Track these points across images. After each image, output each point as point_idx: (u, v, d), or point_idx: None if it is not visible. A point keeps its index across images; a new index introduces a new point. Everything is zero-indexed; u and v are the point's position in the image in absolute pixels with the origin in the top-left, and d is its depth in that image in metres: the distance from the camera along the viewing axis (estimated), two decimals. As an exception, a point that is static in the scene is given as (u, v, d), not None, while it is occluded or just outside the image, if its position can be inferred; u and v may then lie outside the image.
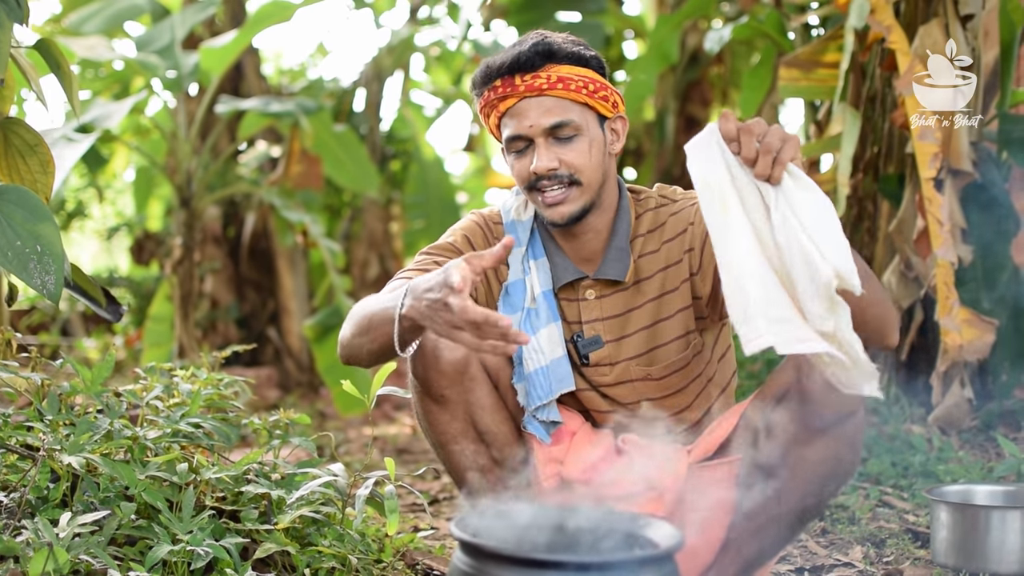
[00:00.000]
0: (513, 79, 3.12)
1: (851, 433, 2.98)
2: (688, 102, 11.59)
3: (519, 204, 3.37)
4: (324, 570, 3.31)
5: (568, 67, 3.12)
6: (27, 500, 3.02)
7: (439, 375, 3.15)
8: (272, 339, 10.62)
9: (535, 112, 3.11)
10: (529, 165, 3.13)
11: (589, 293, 3.29)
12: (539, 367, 3.23)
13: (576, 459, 3.22)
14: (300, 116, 8.51)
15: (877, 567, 3.88)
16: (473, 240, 3.34)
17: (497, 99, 3.15)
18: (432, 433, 3.29)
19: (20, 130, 3.34)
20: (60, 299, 3.00)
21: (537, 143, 3.12)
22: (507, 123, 3.16)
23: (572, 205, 3.14)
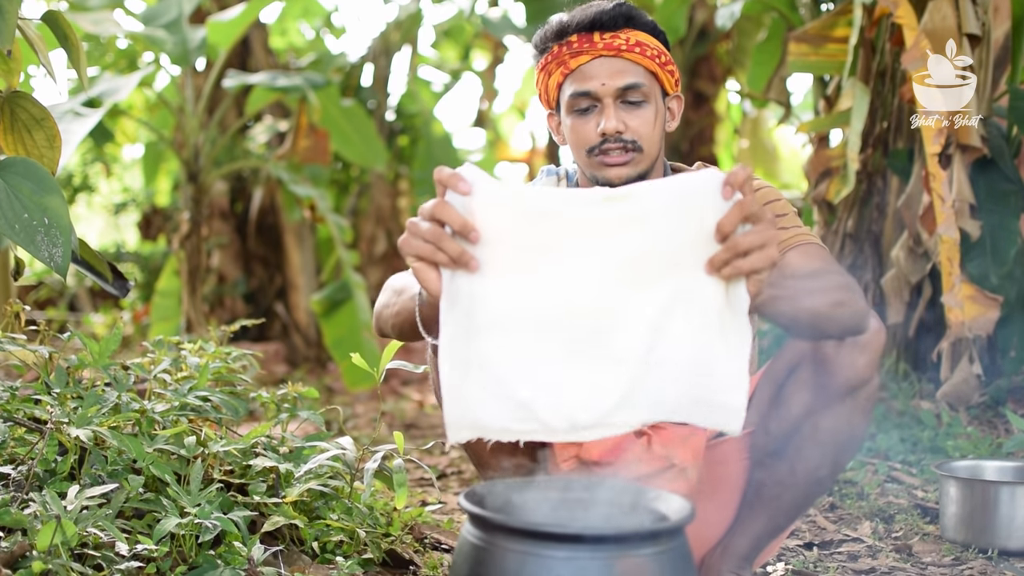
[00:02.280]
0: (592, 36, 3.08)
1: (864, 401, 2.98)
2: (696, 77, 11.57)
3: (552, 185, 3.30)
4: (332, 543, 3.31)
5: (644, 34, 3.10)
6: (35, 473, 3.02)
7: None
8: (280, 314, 10.62)
9: (608, 71, 3.07)
10: (595, 126, 3.08)
11: None
12: None
13: (594, 442, 3.21)
14: (308, 91, 8.49)
15: (886, 542, 3.87)
16: None
17: (570, 55, 3.10)
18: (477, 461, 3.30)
19: (27, 104, 3.33)
20: (67, 272, 2.99)
21: (605, 103, 3.08)
22: (575, 79, 3.11)
23: (632, 168, 3.10)
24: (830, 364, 2.94)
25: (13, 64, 3.41)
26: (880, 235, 6.08)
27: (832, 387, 2.95)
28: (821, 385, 2.96)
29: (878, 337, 2.95)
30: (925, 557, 3.71)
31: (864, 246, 6.07)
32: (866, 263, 6.06)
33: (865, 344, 2.92)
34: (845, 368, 2.90)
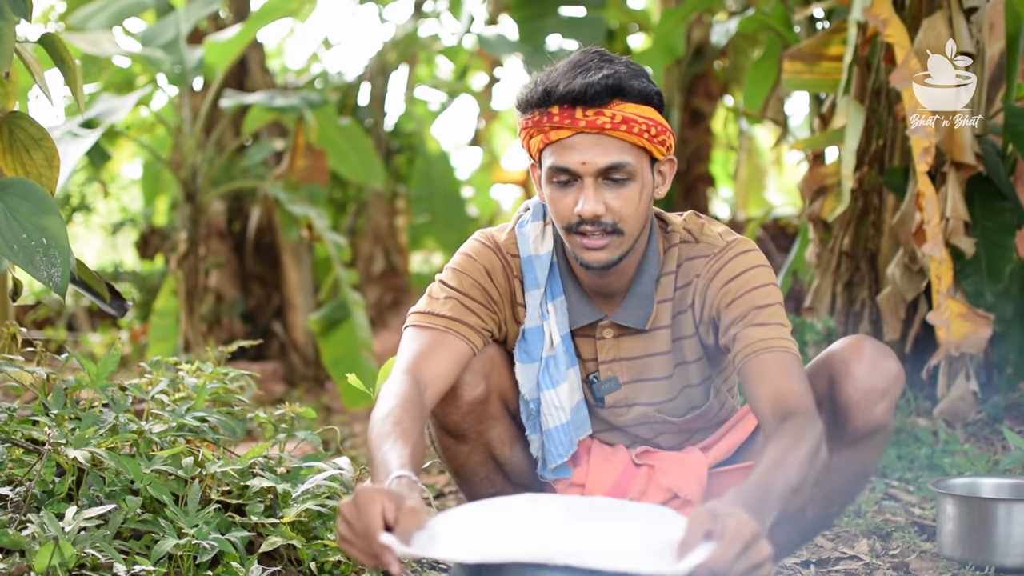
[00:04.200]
0: (574, 111, 2.87)
1: (879, 444, 2.98)
2: (693, 95, 11.59)
3: (536, 235, 3.17)
4: (330, 563, 3.31)
5: (634, 106, 2.89)
6: (33, 494, 3.02)
7: (459, 415, 3.11)
8: (277, 333, 10.61)
9: (592, 151, 2.88)
10: (573, 205, 2.92)
11: (607, 332, 3.16)
12: (559, 424, 3.15)
13: (597, 480, 3.18)
14: (305, 110, 8.50)
15: (883, 560, 3.88)
16: (494, 275, 3.15)
17: (551, 127, 2.90)
18: (449, 464, 3.27)
19: (25, 124, 3.34)
20: (66, 292, 3.00)
21: (586, 182, 2.90)
22: (555, 152, 2.92)
23: (611, 253, 2.96)
24: (848, 410, 2.93)
25: (10, 86, 3.42)
26: (876, 253, 6.08)
27: (848, 432, 2.95)
28: (837, 427, 2.96)
29: (897, 383, 2.95)
30: (922, 574, 3.72)
31: (860, 263, 6.08)
32: (862, 280, 6.06)
33: (884, 391, 2.92)
34: (862, 415, 2.90)
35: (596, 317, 3.14)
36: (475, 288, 3.12)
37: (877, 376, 2.92)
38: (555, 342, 3.12)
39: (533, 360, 3.14)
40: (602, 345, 3.17)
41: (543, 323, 3.14)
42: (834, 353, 3.04)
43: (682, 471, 3.17)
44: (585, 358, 3.20)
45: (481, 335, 3.09)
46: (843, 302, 6.09)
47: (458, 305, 3.08)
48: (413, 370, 2.95)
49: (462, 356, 3.04)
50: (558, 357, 3.13)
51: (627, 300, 3.12)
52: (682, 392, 3.20)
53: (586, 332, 3.18)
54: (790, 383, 2.81)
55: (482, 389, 3.08)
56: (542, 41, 10.33)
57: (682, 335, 3.14)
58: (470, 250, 3.20)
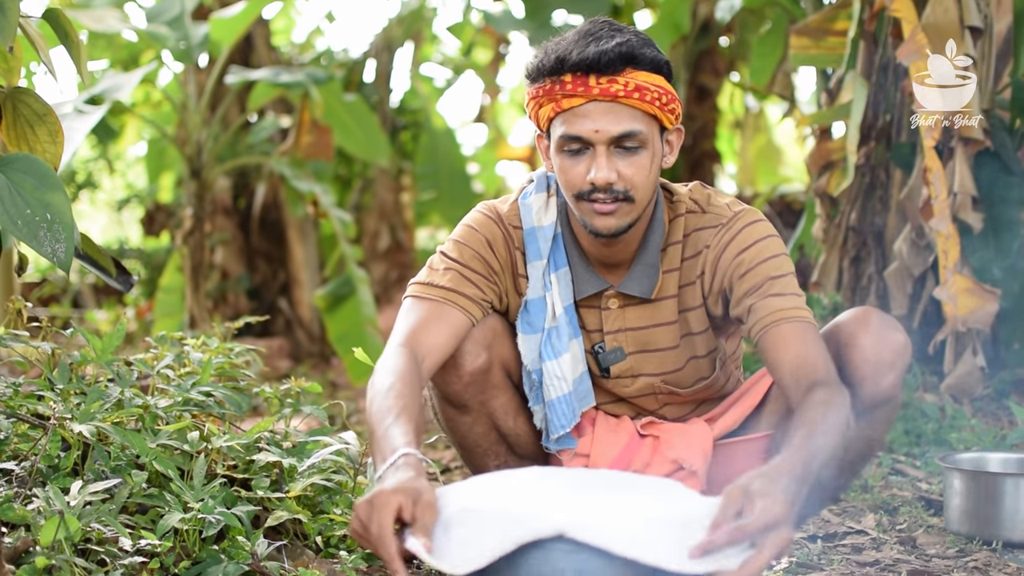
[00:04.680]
0: (587, 79, 2.87)
1: (886, 416, 2.98)
2: (699, 72, 11.55)
3: (540, 206, 3.17)
4: (336, 538, 3.31)
5: (645, 74, 2.89)
6: (38, 469, 3.02)
7: (463, 387, 3.11)
8: (283, 310, 10.62)
9: (605, 118, 2.88)
10: (585, 172, 2.92)
11: (612, 303, 3.16)
12: (562, 395, 3.15)
13: (602, 451, 3.18)
14: (310, 86, 8.48)
15: (890, 534, 3.87)
16: (495, 246, 3.15)
17: (563, 95, 2.90)
18: (452, 435, 3.27)
19: (29, 100, 3.32)
20: (71, 267, 2.99)
21: (598, 150, 2.90)
22: (567, 120, 2.92)
23: (621, 220, 2.96)
24: (856, 381, 2.93)
25: (14, 61, 3.40)
26: (883, 228, 6.07)
27: (856, 404, 2.92)
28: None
29: (905, 355, 2.95)
30: (929, 549, 3.71)
31: (867, 239, 6.06)
32: (869, 256, 6.05)
33: (892, 363, 2.92)
34: (870, 386, 2.90)
35: (601, 287, 3.14)
36: (475, 259, 3.12)
37: (884, 348, 2.92)
38: (557, 313, 3.12)
39: (535, 331, 3.14)
40: (607, 315, 3.17)
41: (545, 294, 3.14)
42: (841, 325, 3.04)
43: (687, 442, 3.17)
44: (590, 329, 3.20)
45: (480, 306, 3.09)
46: (850, 277, 6.08)
47: (457, 276, 3.09)
48: (410, 342, 2.96)
49: (460, 327, 3.05)
50: (560, 328, 3.13)
51: (633, 269, 3.12)
52: (689, 363, 3.20)
53: (591, 303, 3.18)
54: (812, 352, 2.85)
55: (484, 359, 3.08)
56: (547, 17, 10.29)
57: (689, 306, 3.14)
58: (472, 221, 3.20)
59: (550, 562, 2.17)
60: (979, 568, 3.50)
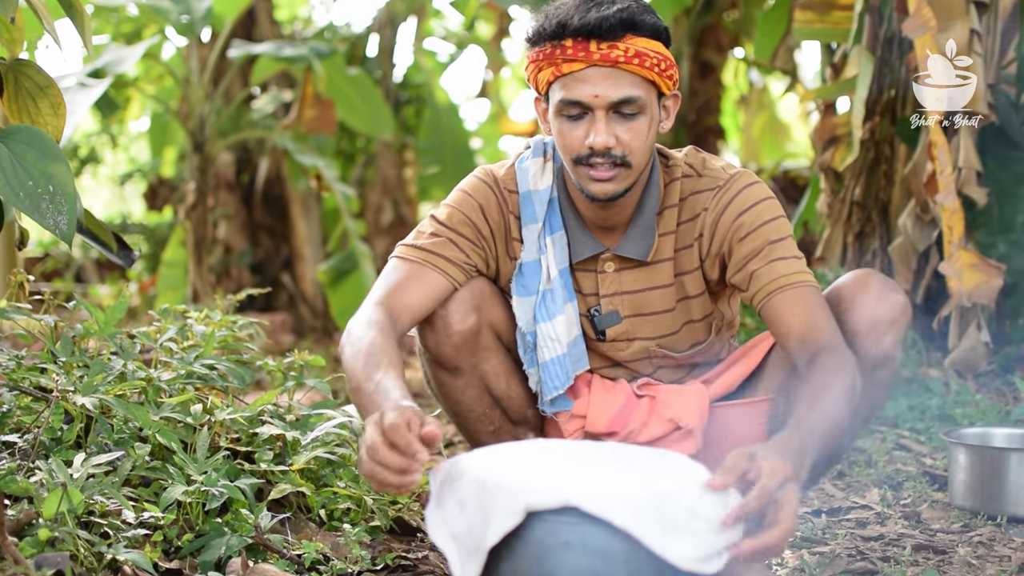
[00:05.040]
0: (588, 44, 2.88)
1: (886, 377, 2.99)
2: (703, 47, 11.51)
3: (536, 170, 3.19)
4: (339, 511, 3.31)
5: (645, 40, 2.91)
6: (41, 442, 3.02)
7: (453, 348, 3.11)
8: (286, 285, 10.62)
9: (604, 84, 2.90)
10: (584, 137, 2.93)
11: (608, 266, 3.17)
12: (556, 356, 3.16)
13: (598, 412, 3.19)
14: (313, 60, 8.46)
15: (894, 509, 3.87)
16: (487, 211, 3.17)
17: (563, 59, 2.91)
18: (445, 401, 3.27)
19: (31, 72, 3.31)
20: (73, 240, 2.98)
21: (597, 115, 2.91)
22: (567, 85, 2.93)
23: (618, 184, 2.97)
24: (857, 340, 2.95)
25: (16, 32, 3.39)
26: (888, 203, 6.06)
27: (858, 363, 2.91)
28: None
29: (904, 315, 2.96)
30: (934, 524, 3.71)
31: (872, 214, 6.05)
32: (873, 231, 6.04)
33: (892, 321, 2.93)
34: (871, 344, 2.91)
35: (598, 250, 3.15)
36: (465, 224, 3.14)
37: (884, 307, 2.95)
38: (552, 275, 3.14)
39: (530, 293, 3.16)
40: (603, 279, 3.18)
41: (540, 257, 3.16)
42: (841, 287, 3.07)
43: (684, 402, 3.18)
44: (586, 292, 3.21)
45: (463, 270, 3.11)
46: (854, 252, 6.07)
47: (443, 240, 3.11)
48: (386, 300, 2.99)
49: (439, 290, 3.07)
50: (555, 290, 3.14)
51: (629, 232, 3.13)
52: (684, 327, 3.21)
53: (587, 266, 3.19)
54: (818, 317, 2.89)
55: (473, 320, 3.09)
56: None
57: (685, 269, 3.15)
58: (467, 186, 3.22)
59: (555, 534, 2.17)
60: (983, 543, 3.49)
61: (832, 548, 3.42)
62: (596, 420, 3.19)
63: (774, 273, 2.96)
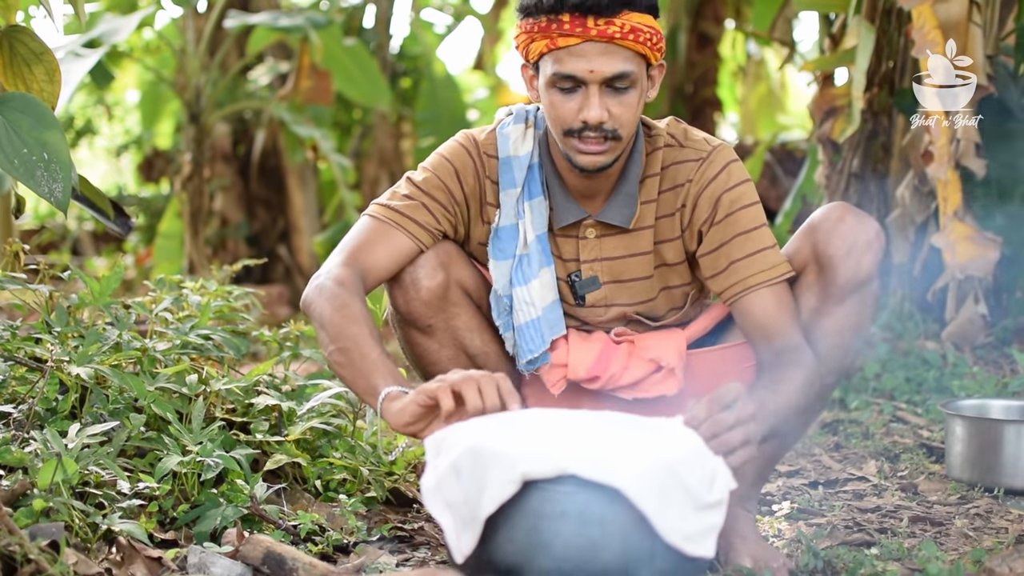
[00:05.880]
0: (585, 20, 2.86)
1: (868, 300, 3.04)
2: (701, 18, 11.51)
3: (517, 136, 3.19)
4: (335, 482, 3.30)
5: (639, 15, 2.90)
6: (36, 412, 3.01)
7: (422, 305, 3.11)
8: (282, 256, 10.61)
9: (600, 59, 2.89)
10: (577, 110, 2.93)
11: (589, 232, 3.17)
12: (530, 320, 3.16)
13: (579, 359, 3.19)
14: (310, 30, 8.44)
15: (891, 481, 3.87)
16: (463, 177, 3.17)
17: (559, 33, 2.89)
18: (421, 364, 3.25)
19: (25, 38, 3.29)
20: (68, 207, 2.97)
21: (591, 89, 2.91)
22: (561, 59, 2.91)
23: (608, 156, 2.98)
24: (835, 265, 3.01)
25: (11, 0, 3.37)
26: (886, 174, 6.04)
27: (836, 288, 3.02)
28: (826, 286, 3.03)
29: (879, 239, 3.03)
30: (931, 496, 3.71)
31: (869, 185, 6.04)
32: (871, 203, 6.02)
33: (868, 244, 3.00)
34: (851, 266, 2.98)
35: (580, 216, 3.15)
36: (438, 188, 3.15)
37: (860, 231, 3.00)
38: (529, 240, 3.15)
39: (507, 257, 3.16)
40: (584, 245, 3.19)
41: (518, 222, 3.16)
42: (816, 219, 3.11)
43: (662, 343, 3.20)
44: (567, 258, 3.21)
45: (431, 234, 3.12)
46: (851, 225, 6.04)
47: (414, 203, 3.12)
48: (354, 259, 3.04)
49: (405, 252, 3.10)
50: (531, 255, 3.15)
51: (612, 199, 3.14)
52: (661, 293, 3.22)
53: (569, 232, 3.19)
54: (783, 317, 3.01)
55: (442, 276, 3.10)
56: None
57: (665, 237, 3.16)
58: (446, 150, 3.23)
59: (552, 503, 2.16)
60: (980, 515, 3.49)
61: (829, 520, 3.42)
62: (577, 367, 3.20)
63: (741, 273, 3.03)
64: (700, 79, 11.74)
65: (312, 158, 9.72)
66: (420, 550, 3.04)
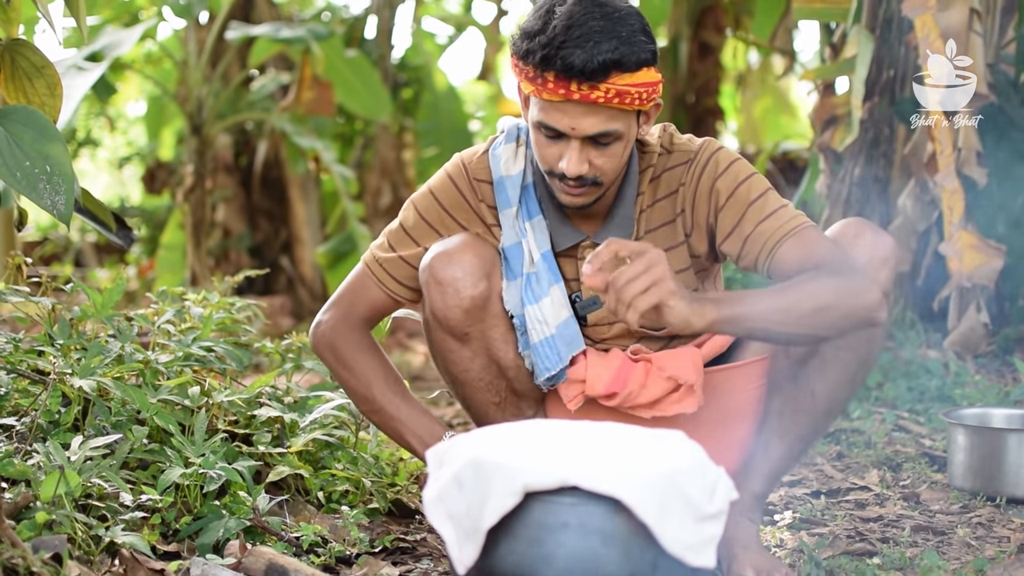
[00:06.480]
0: (569, 83, 2.80)
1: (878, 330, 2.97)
2: (702, 28, 11.51)
3: (509, 156, 3.18)
4: (338, 493, 3.31)
5: (629, 76, 2.82)
6: (38, 424, 3.01)
7: (462, 313, 3.09)
8: (285, 268, 10.61)
9: (582, 119, 2.85)
10: (558, 156, 2.90)
11: (587, 253, 3.14)
12: (544, 338, 3.13)
13: (597, 375, 3.17)
14: (311, 42, 8.44)
15: (893, 490, 3.86)
16: (455, 214, 3.19)
17: (543, 88, 2.84)
18: (452, 371, 3.24)
19: (27, 52, 3.30)
20: (71, 220, 2.97)
21: (572, 144, 2.88)
22: (545, 110, 2.88)
23: (588, 198, 2.98)
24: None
25: (13, 13, 3.37)
26: (887, 183, 6.05)
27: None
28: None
29: (894, 254, 2.97)
30: (933, 505, 3.71)
31: (871, 194, 6.05)
32: (873, 211, 6.03)
33: (885, 259, 2.92)
34: None
35: (578, 239, 3.14)
36: (427, 234, 3.20)
37: (878, 246, 2.94)
38: (535, 258, 3.13)
39: (515, 277, 3.15)
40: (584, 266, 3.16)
41: (521, 240, 3.15)
42: (833, 235, 3.05)
43: (679, 360, 3.15)
44: (568, 278, 3.19)
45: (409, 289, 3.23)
46: (853, 234, 6.05)
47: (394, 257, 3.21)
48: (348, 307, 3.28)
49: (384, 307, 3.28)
50: (539, 273, 3.13)
51: (608, 222, 3.12)
52: None
53: (568, 253, 3.18)
54: (818, 250, 2.89)
55: (484, 286, 3.08)
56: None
57: (666, 246, 3.12)
58: (436, 185, 3.24)
59: (554, 514, 2.17)
60: (983, 524, 3.49)
61: (831, 529, 3.42)
62: (595, 383, 3.17)
63: (765, 234, 2.94)
64: (701, 88, 11.74)
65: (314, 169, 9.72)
66: (422, 562, 3.04)
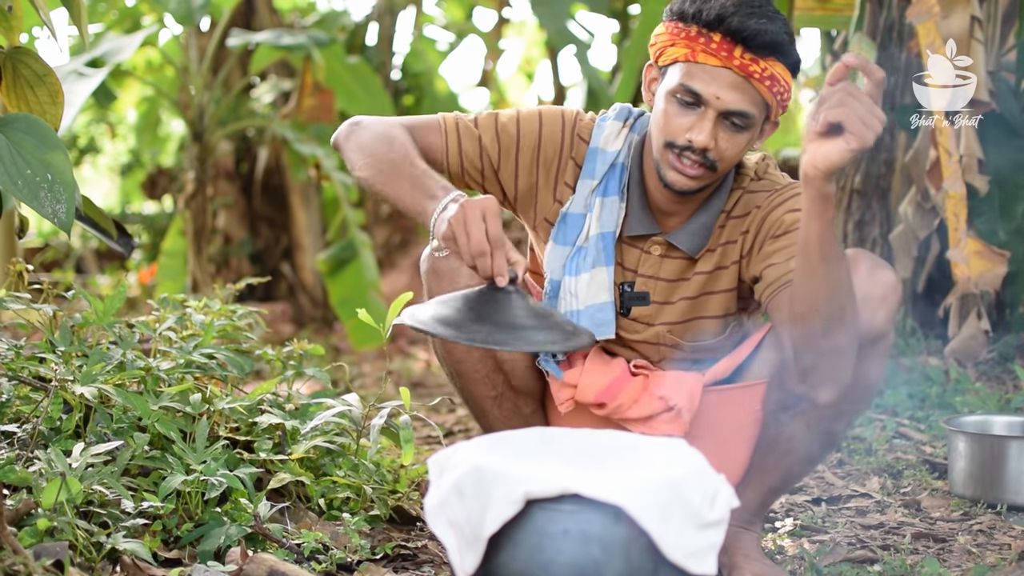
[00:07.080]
0: (734, 48, 2.86)
1: (881, 353, 2.95)
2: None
3: (611, 132, 3.17)
4: (339, 500, 3.31)
5: (782, 68, 2.92)
6: (40, 431, 3.02)
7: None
8: (286, 275, 10.62)
9: (730, 91, 2.89)
10: (687, 127, 2.92)
11: (655, 248, 3.15)
12: (569, 310, 3.14)
13: (590, 383, 3.17)
14: (312, 49, 8.44)
15: (894, 497, 3.87)
16: (543, 145, 3.18)
17: (703, 50, 2.89)
18: (450, 362, 3.25)
19: (29, 60, 3.30)
20: (72, 228, 2.98)
21: (708, 114, 2.90)
22: (693, 73, 2.91)
23: (697, 183, 2.98)
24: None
25: (14, 21, 3.38)
26: (888, 190, 6.05)
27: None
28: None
29: (895, 292, 2.92)
30: (934, 512, 3.71)
31: (872, 201, 6.05)
32: (873, 219, 6.03)
33: (883, 298, 2.89)
34: (866, 321, 2.86)
35: (652, 231, 3.14)
36: (509, 139, 3.19)
37: (876, 285, 2.90)
38: (591, 235, 3.14)
39: (566, 244, 3.16)
40: (646, 259, 3.17)
41: (587, 213, 3.16)
42: None
43: (676, 383, 3.15)
44: (626, 266, 3.19)
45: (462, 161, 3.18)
46: (854, 240, 6.06)
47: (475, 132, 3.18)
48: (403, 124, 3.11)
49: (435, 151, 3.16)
50: (589, 250, 3.13)
51: (687, 224, 3.13)
52: (699, 321, 3.18)
53: (635, 242, 3.17)
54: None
55: None
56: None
57: (723, 264, 3.13)
58: (546, 111, 3.24)
59: (554, 522, 2.17)
60: (983, 531, 3.50)
61: (832, 536, 3.43)
62: (586, 390, 3.17)
63: (783, 270, 2.93)
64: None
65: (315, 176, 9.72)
66: (423, 569, 3.05)
